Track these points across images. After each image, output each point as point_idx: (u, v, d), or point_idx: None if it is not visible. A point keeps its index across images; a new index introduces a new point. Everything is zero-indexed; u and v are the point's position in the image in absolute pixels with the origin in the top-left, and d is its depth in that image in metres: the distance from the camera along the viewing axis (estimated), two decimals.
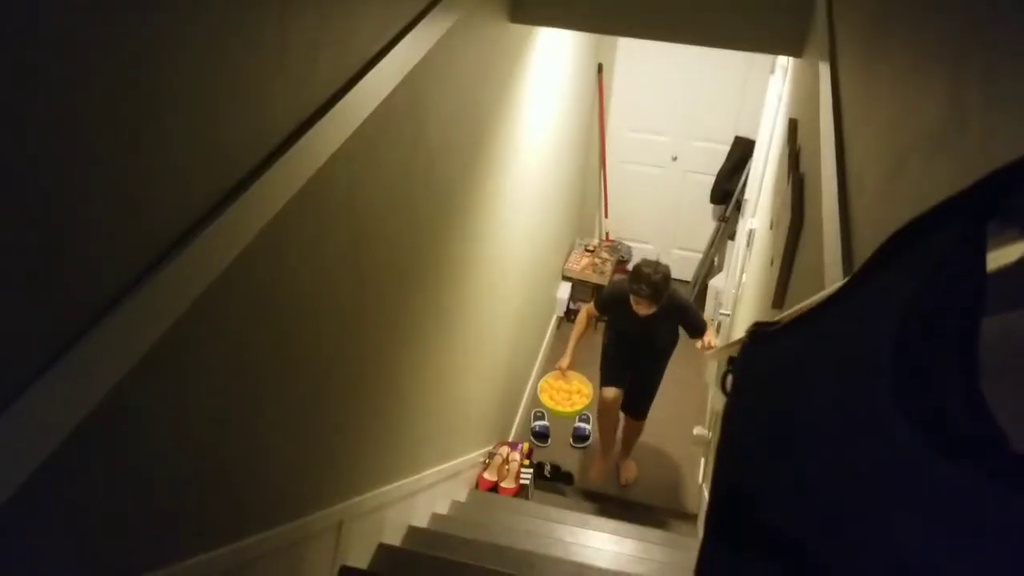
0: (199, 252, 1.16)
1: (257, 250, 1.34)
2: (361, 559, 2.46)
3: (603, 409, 4.12)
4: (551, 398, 3.88)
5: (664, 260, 6.74)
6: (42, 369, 0.93)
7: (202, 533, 1.48)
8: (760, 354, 0.58)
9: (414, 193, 2.19)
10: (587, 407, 3.91)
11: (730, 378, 0.61)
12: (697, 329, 3.73)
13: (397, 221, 2.09)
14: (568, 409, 3.85)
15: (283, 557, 1.90)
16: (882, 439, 0.43)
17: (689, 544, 3.61)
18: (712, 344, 3.63)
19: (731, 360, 0.61)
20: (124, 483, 1.17)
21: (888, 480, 0.43)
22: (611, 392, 4.05)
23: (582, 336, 4.00)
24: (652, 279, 3.48)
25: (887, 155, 1.20)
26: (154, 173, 1.07)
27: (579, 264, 5.98)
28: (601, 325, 4.23)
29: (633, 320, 3.70)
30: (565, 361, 3.93)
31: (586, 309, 3.97)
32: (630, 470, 4.39)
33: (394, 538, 2.78)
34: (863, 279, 0.48)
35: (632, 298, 3.57)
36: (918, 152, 0.97)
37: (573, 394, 3.92)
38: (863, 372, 0.45)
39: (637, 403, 4.12)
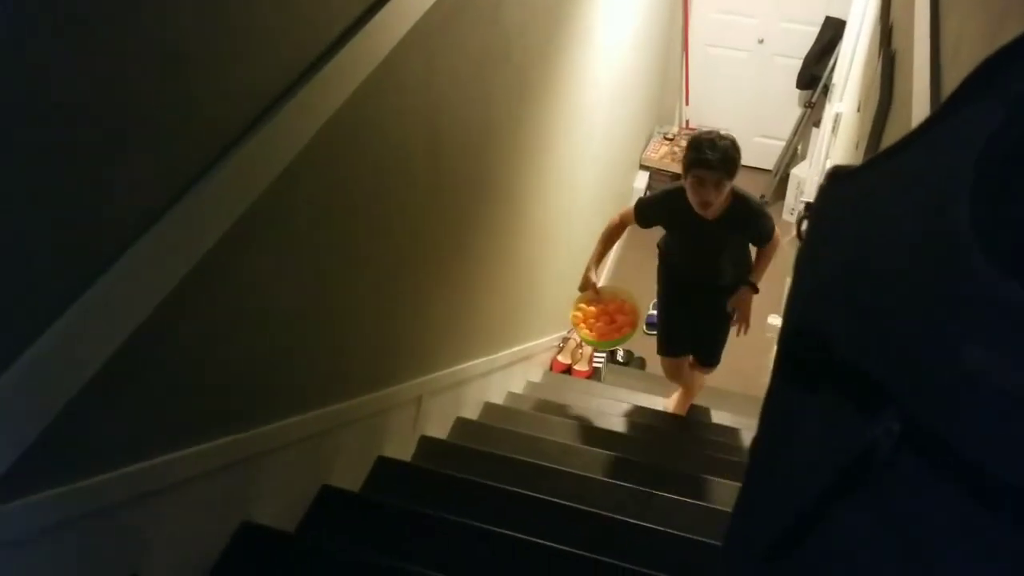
0: (280, 127, 1.18)
1: (335, 127, 1.35)
2: (440, 430, 2.59)
3: (668, 374, 3.43)
4: (590, 328, 2.92)
5: (745, 148, 6.49)
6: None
7: (292, 398, 1.58)
8: (838, 192, 0.57)
9: (492, 72, 2.17)
10: (636, 330, 2.92)
11: (805, 224, 0.61)
12: (766, 236, 2.73)
13: (474, 100, 2.09)
14: (616, 337, 2.90)
15: (367, 425, 2.01)
16: (959, 273, 0.43)
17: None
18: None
19: (807, 206, 0.61)
20: (220, 347, 1.26)
21: (963, 315, 0.44)
22: (669, 362, 3.32)
23: (610, 244, 2.92)
24: (719, 144, 2.43)
25: (985, 21, 1.14)
26: (243, 33, 1.09)
27: (657, 153, 5.86)
28: (633, 239, 3.25)
29: (690, 232, 2.73)
30: (593, 274, 2.82)
31: (619, 214, 2.88)
32: (682, 404, 3.65)
33: (471, 413, 2.90)
34: (949, 111, 0.47)
35: (693, 181, 2.48)
36: (1016, 17, 0.92)
37: (615, 315, 2.94)
38: (942, 205, 0.44)
39: (707, 356, 3.24)
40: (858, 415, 0.50)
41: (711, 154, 2.41)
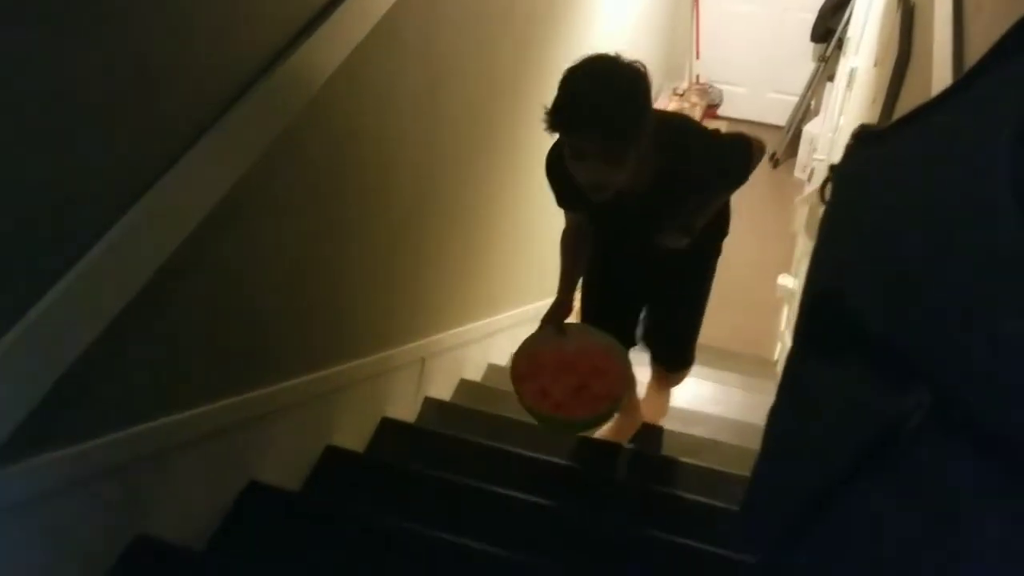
0: (273, 91, 1.16)
1: (333, 91, 1.33)
2: (444, 392, 2.58)
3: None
4: (540, 394, 1.77)
5: (758, 104, 6.41)
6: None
7: (296, 359, 1.56)
8: (866, 154, 0.54)
9: (491, 34, 2.12)
10: (618, 405, 1.78)
11: (830, 186, 0.58)
12: (736, 178, 1.71)
13: (474, 63, 2.04)
14: (585, 415, 1.73)
15: (371, 386, 2.00)
16: (995, 235, 0.41)
17: (767, 388, 3.64)
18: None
19: (832, 167, 0.58)
20: (224, 307, 1.24)
21: (997, 279, 0.41)
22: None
23: (579, 255, 1.89)
24: (607, 88, 1.38)
25: None
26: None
27: (667, 108, 5.78)
28: None
29: (606, 214, 1.69)
30: (566, 302, 1.91)
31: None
32: (657, 407, 2.56)
33: (475, 374, 2.89)
34: (982, 71, 0.44)
35: (568, 151, 1.44)
36: None
37: (587, 378, 1.77)
38: (977, 166, 0.42)
39: (670, 347, 2.24)
40: (885, 387, 0.47)
41: (585, 130, 1.37)
